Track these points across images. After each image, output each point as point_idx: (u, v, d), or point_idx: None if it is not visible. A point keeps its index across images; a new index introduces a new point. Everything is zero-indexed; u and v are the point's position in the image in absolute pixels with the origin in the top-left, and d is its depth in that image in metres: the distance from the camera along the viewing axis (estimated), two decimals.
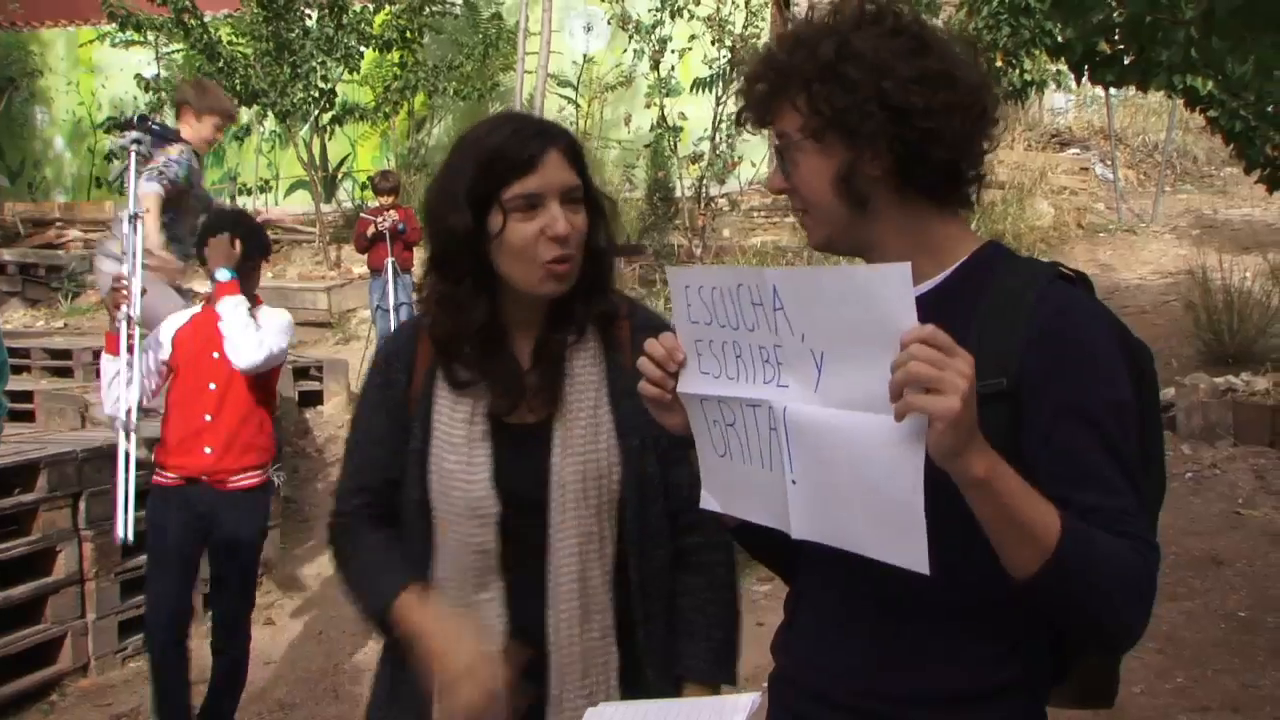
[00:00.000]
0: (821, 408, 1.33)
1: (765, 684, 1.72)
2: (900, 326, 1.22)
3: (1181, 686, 4.36)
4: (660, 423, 1.60)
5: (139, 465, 4.25)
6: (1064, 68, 6.04)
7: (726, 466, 1.53)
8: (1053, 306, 1.41)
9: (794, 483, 1.40)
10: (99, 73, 15.20)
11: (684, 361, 1.53)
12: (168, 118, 14.29)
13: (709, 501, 1.60)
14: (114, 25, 12.12)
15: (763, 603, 5.34)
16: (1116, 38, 4.47)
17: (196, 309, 4.18)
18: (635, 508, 1.84)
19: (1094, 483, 1.35)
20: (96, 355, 10.00)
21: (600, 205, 1.83)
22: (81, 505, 4.82)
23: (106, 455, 4.96)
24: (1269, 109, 5.29)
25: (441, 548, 1.83)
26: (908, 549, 1.27)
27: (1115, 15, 4.20)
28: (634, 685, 1.84)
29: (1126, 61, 4.60)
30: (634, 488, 1.84)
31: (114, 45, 13.91)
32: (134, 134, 4.14)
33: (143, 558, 5.01)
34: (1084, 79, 4.94)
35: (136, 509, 4.15)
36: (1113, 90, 10.56)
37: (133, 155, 4.13)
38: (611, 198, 1.89)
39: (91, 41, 15.08)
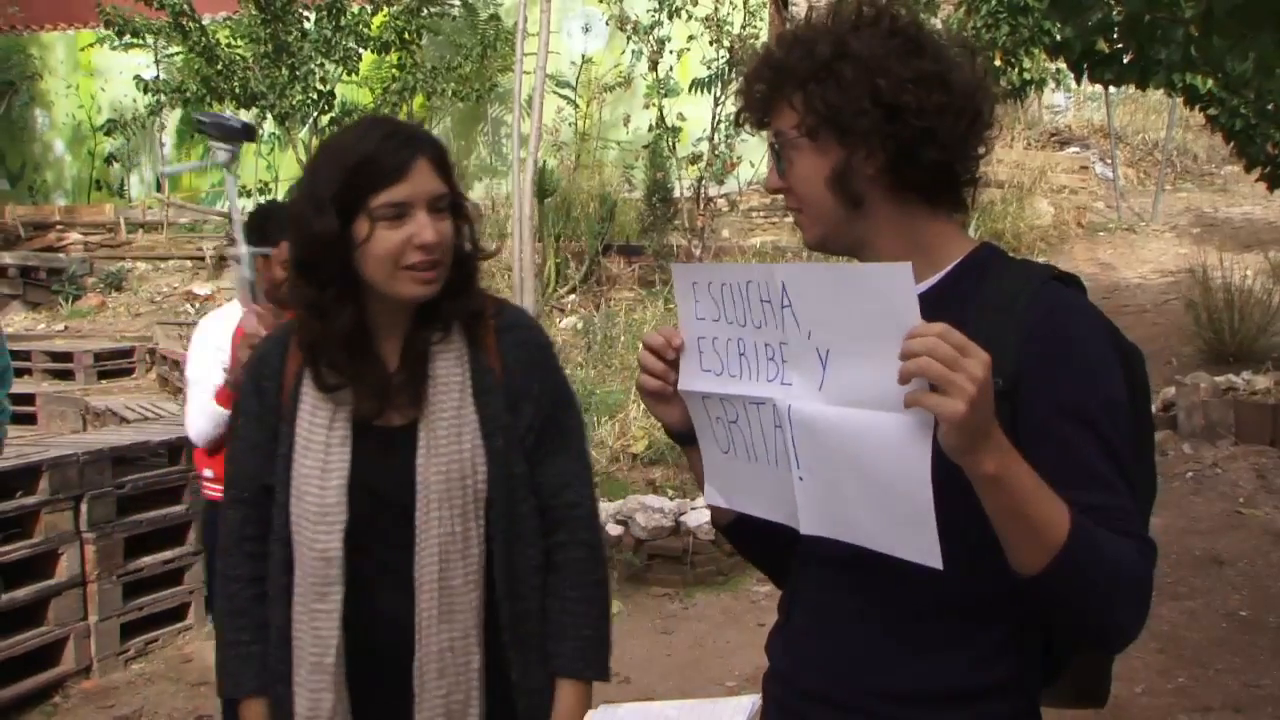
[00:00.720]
0: (826, 405, 1.34)
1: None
2: (905, 323, 1.23)
3: (1183, 686, 4.36)
4: (656, 416, 1.60)
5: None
6: (1063, 66, 6.04)
7: (730, 463, 1.54)
8: (1046, 307, 1.42)
9: (801, 479, 1.40)
10: (98, 75, 15.21)
11: (682, 348, 1.54)
12: (170, 119, 14.34)
13: (713, 496, 1.60)
14: (112, 30, 12.12)
15: (763, 603, 5.34)
16: (1115, 36, 4.47)
17: (237, 307, 3.56)
18: (502, 507, 1.85)
19: (1093, 481, 1.35)
20: (97, 358, 10.12)
21: (464, 211, 1.85)
22: (83, 508, 4.81)
23: (108, 458, 4.96)
24: (1269, 107, 5.29)
25: (296, 552, 1.85)
26: (918, 544, 1.28)
27: (1114, 14, 4.20)
28: (497, 686, 1.86)
29: (1125, 60, 4.61)
30: (500, 486, 1.85)
31: (113, 49, 13.92)
32: (231, 147, 3.45)
33: (146, 560, 5.04)
34: (1083, 78, 4.94)
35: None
36: (1112, 88, 10.56)
37: (231, 180, 3.59)
38: (475, 204, 1.92)
39: (91, 45, 15.09)
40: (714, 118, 10.98)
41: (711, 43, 10.87)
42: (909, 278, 1.23)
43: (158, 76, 13.20)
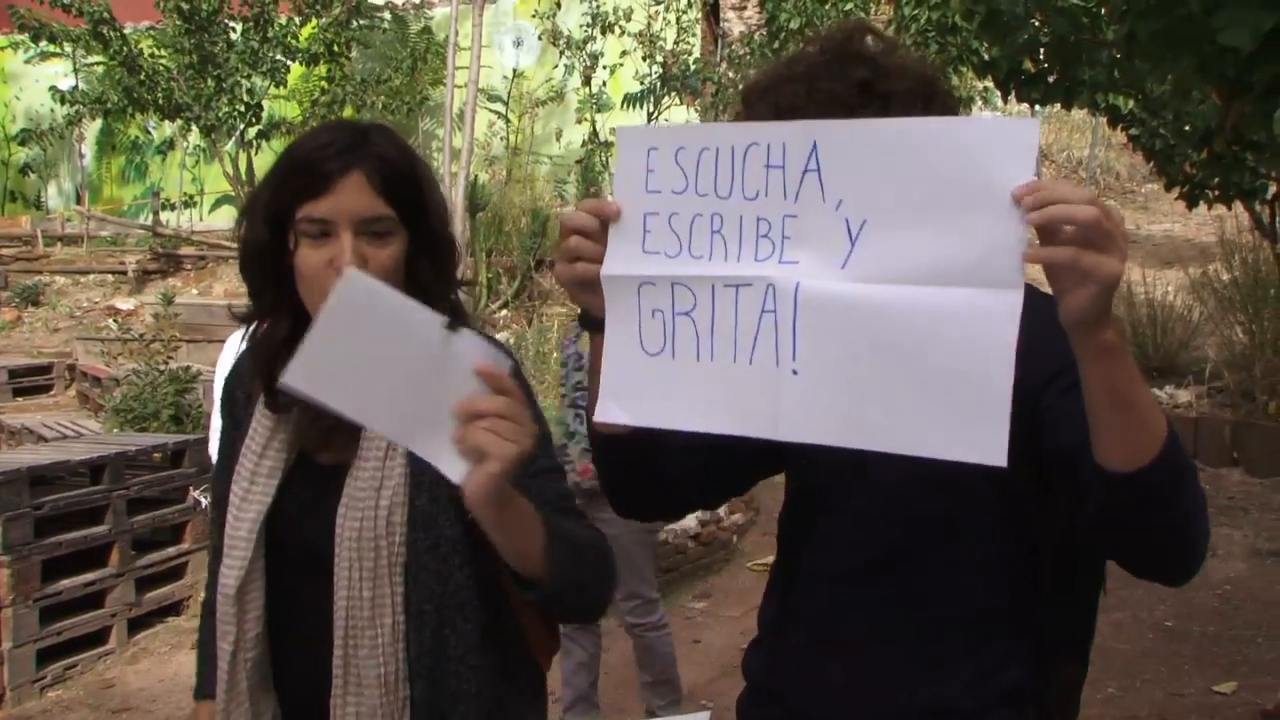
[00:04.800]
0: (857, 284, 1.16)
1: (705, 702, 1.70)
2: (1013, 182, 1.08)
3: (1111, 696, 4.43)
4: (580, 305, 1.39)
5: None
6: (991, 85, 6.14)
7: (659, 366, 1.29)
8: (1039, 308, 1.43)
9: (795, 373, 1.20)
10: (12, 82, 14.83)
11: (616, 219, 1.30)
12: (88, 131, 13.99)
13: (610, 411, 1.34)
14: (27, 35, 11.81)
15: (698, 620, 5.32)
16: (1042, 57, 4.55)
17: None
18: (422, 574, 1.59)
19: None
20: (13, 374, 9.82)
21: (431, 233, 1.60)
22: None
23: (25, 478, 4.80)
24: (1186, 128, 5.41)
25: None
26: (981, 439, 1.10)
27: (1041, 35, 4.29)
28: None
29: (1051, 80, 4.68)
30: (421, 551, 1.59)
31: (27, 61, 13.58)
32: None
33: (65, 582, 4.89)
34: (1010, 96, 5.02)
35: None
36: (1037, 107, 10.78)
37: None
38: (450, 234, 1.65)
39: (3, 50, 14.70)
40: None
41: (644, 58, 10.91)
42: (1036, 134, 1.07)
43: (76, 86, 12.91)
